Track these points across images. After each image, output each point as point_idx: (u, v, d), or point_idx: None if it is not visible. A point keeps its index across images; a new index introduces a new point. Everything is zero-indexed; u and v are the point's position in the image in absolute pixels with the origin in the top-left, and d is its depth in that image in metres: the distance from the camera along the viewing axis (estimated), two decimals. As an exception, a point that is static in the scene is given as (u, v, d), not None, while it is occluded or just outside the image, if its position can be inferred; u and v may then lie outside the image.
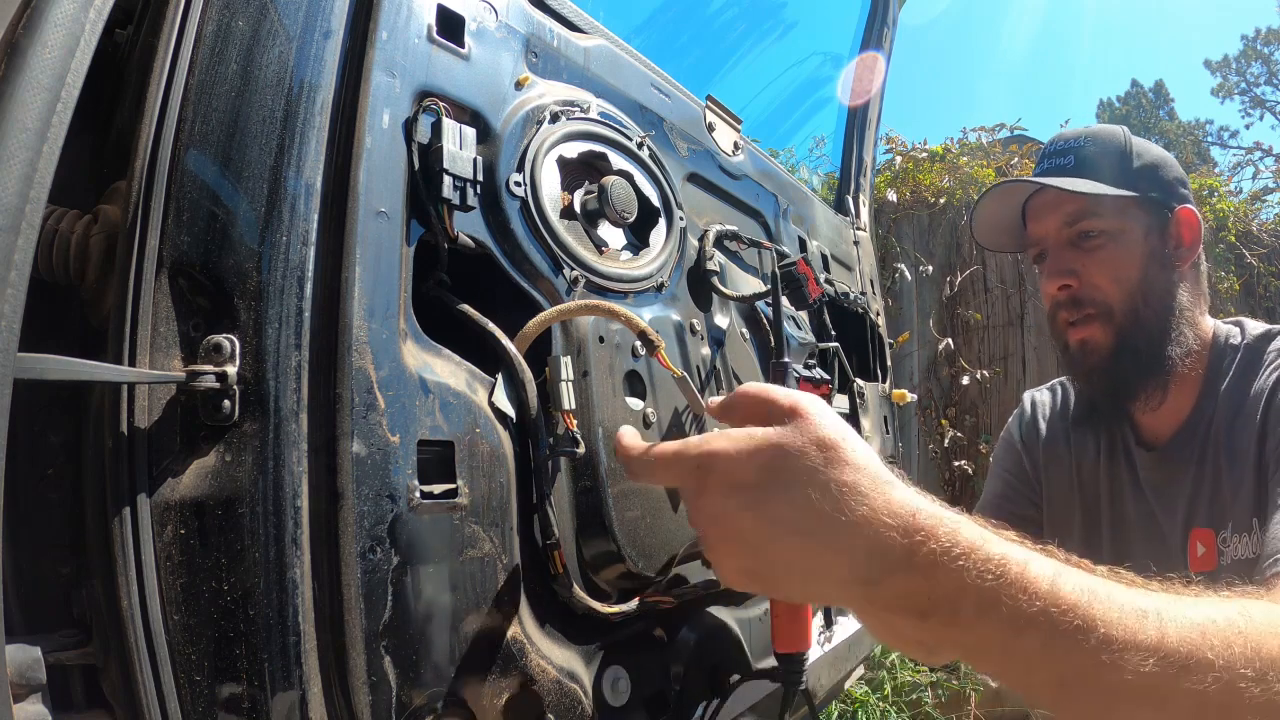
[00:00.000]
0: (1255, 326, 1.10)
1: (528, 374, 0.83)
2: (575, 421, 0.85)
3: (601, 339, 0.92)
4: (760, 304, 1.33)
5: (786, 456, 0.53)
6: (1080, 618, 0.51)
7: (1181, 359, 1.06)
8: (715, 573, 0.61)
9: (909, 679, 3.30)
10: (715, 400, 0.68)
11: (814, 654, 1.38)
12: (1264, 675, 0.53)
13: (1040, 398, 1.33)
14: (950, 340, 4.43)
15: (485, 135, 0.85)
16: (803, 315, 1.51)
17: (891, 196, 4.61)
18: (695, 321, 1.12)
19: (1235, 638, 0.55)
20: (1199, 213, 1.08)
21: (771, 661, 1.23)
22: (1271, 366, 1.02)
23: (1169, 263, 1.07)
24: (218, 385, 0.61)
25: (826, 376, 1.46)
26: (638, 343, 0.94)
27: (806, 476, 0.52)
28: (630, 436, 0.67)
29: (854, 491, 0.52)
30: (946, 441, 4.28)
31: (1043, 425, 1.29)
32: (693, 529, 0.59)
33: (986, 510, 1.28)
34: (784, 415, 0.56)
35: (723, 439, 0.56)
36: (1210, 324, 1.12)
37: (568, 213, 0.97)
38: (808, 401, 0.57)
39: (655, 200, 1.09)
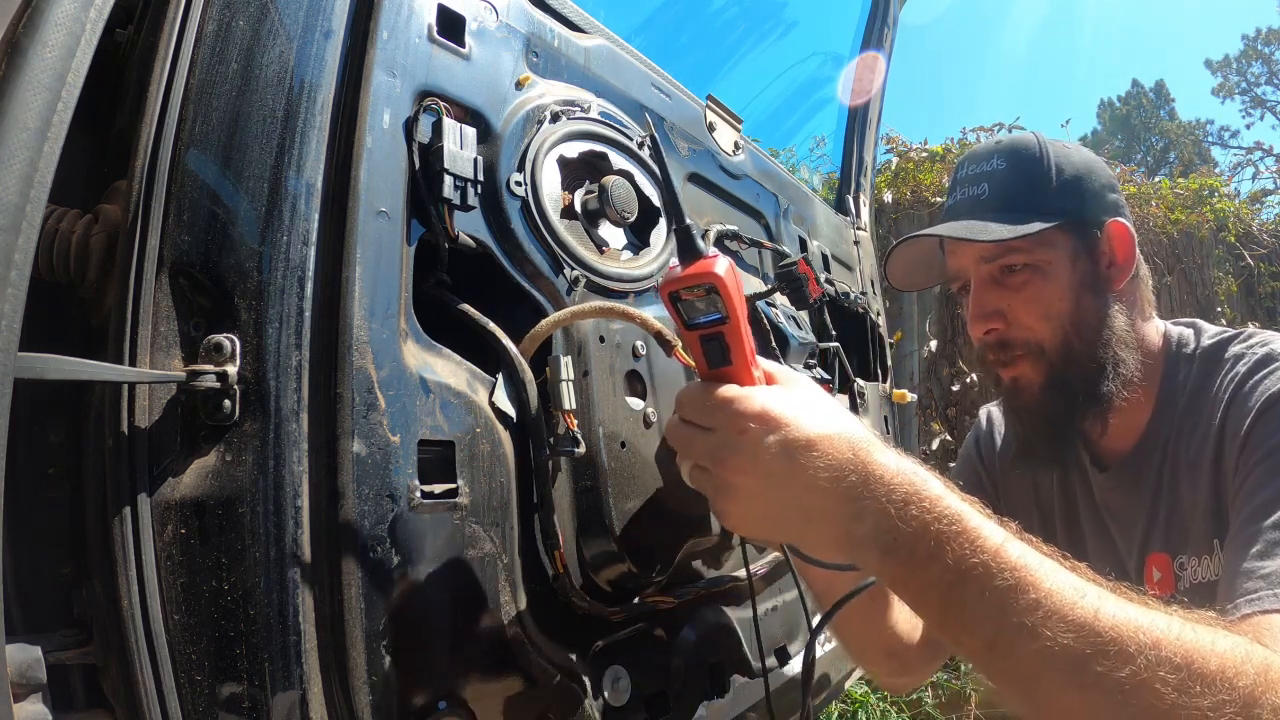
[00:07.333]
0: (1209, 331, 1.02)
1: (528, 374, 0.83)
2: (576, 421, 0.85)
3: (602, 339, 0.92)
4: (761, 303, 1.33)
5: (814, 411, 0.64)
6: (1015, 579, 0.54)
7: (1122, 389, 0.97)
8: (725, 518, 0.66)
9: (909, 679, 3.28)
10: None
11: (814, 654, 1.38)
12: (1186, 686, 0.53)
13: (996, 412, 1.25)
14: (935, 342, 4.42)
15: (486, 135, 0.85)
16: (803, 315, 1.51)
17: (889, 198, 4.61)
18: (696, 321, 1.12)
19: (1168, 642, 0.54)
20: (1129, 223, 0.99)
21: (771, 662, 1.23)
22: (1227, 378, 0.94)
23: (1102, 286, 0.97)
24: (218, 385, 0.61)
25: (827, 376, 1.46)
26: (638, 342, 0.94)
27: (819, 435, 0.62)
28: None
29: (866, 448, 0.61)
30: (935, 444, 4.27)
31: (998, 440, 1.22)
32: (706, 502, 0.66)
33: None
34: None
35: (775, 393, 0.64)
36: (1159, 330, 1.04)
37: (568, 212, 0.97)
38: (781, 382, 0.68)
39: (656, 200, 1.09)
